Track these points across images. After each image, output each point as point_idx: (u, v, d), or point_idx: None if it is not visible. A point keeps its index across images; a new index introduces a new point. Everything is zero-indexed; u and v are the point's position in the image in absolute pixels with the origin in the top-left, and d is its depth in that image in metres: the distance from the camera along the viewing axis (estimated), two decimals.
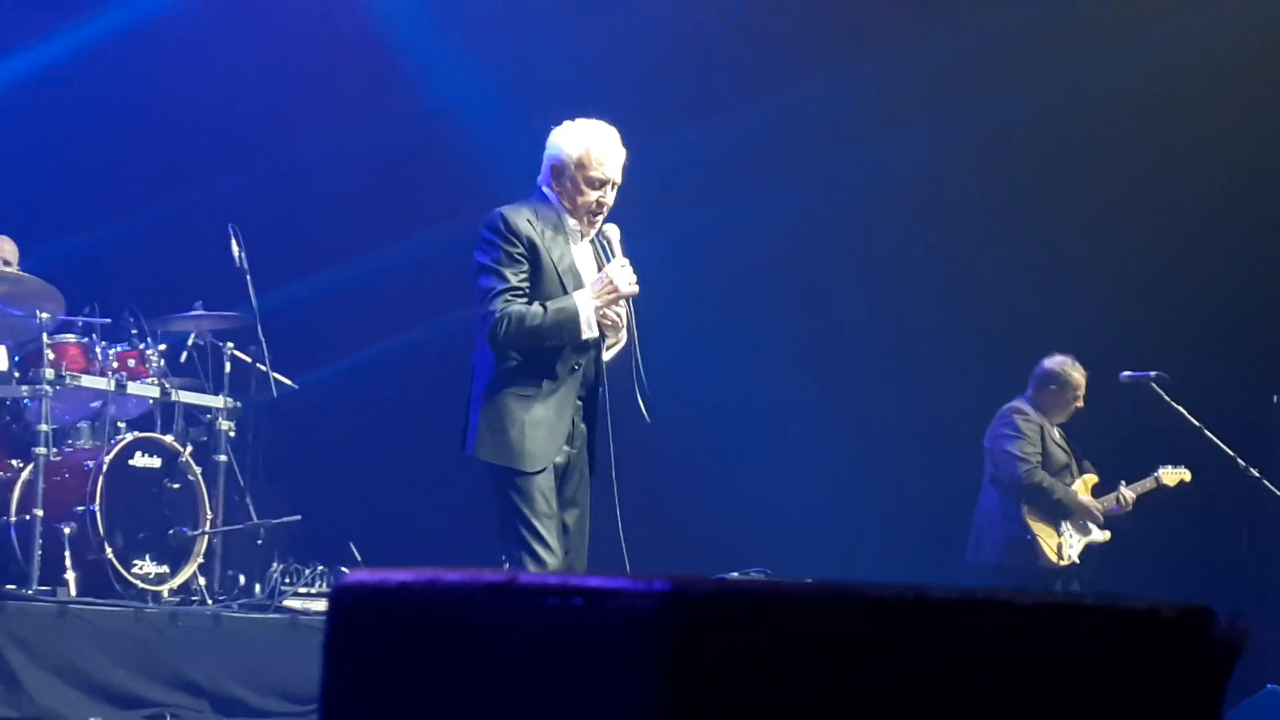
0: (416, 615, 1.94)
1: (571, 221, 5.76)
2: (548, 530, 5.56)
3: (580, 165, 5.70)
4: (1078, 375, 8.92)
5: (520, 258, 5.62)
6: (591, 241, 5.86)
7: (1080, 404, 8.94)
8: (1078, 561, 8.78)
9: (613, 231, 5.82)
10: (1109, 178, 10.21)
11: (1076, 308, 10.10)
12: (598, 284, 5.67)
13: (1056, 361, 8.95)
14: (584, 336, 5.63)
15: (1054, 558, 8.72)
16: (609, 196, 5.76)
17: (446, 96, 10.53)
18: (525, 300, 5.60)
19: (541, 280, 5.65)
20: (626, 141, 5.80)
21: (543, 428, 5.60)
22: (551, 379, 5.64)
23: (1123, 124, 10.11)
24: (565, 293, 5.65)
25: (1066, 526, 8.77)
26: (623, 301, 5.71)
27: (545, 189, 5.79)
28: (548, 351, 5.64)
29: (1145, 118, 10.04)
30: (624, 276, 5.69)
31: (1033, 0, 10.03)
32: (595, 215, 5.76)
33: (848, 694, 1.80)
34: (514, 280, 5.60)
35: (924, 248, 10.51)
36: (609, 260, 5.76)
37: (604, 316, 5.67)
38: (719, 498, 10.16)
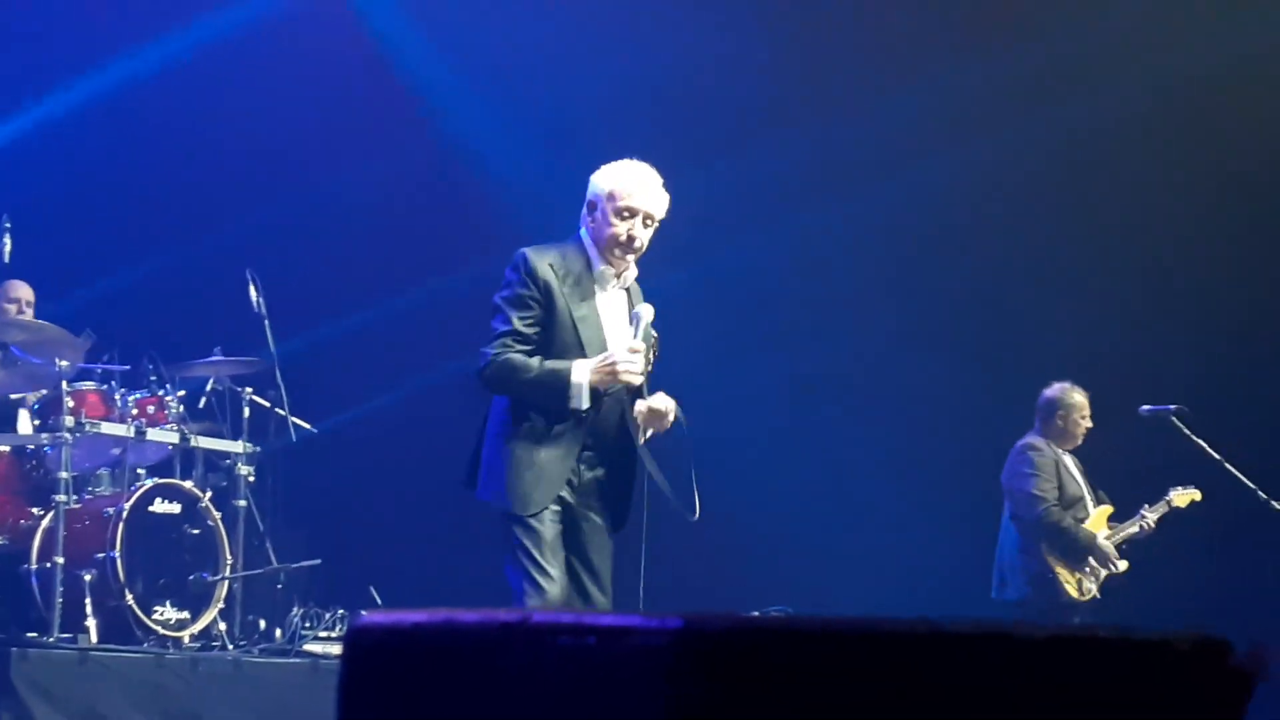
0: (432, 655, 1.94)
1: (602, 266, 5.64)
2: (549, 562, 5.50)
3: (610, 197, 5.59)
4: (1078, 397, 8.95)
5: (533, 302, 5.54)
6: (626, 290, 5.73)
7: (1088, 424, 8.95)
8: (1099, 595, 8.77)
9: (646, 312, 5.63)
10: (1133, 205, 10.21)
11: (1097, 339, 10.08)
12: (601, 360, 5.53)
13: (1055, 389, 8.99)
14: (572, 406, 5.48)
15: (1075, 593, 8.71)
16: (639, 230, 5.60)
17: (466, 140, 10.57)
18: (528, 348, 5.52)
19: (554, 328, 5.55)
20: (664, 170, 5.69)
21: (539, 472, 5.52)
22: (559, 423, 5.55)
23: (1151, 148, 10.11)
24: (578, 342, 5.55)
25: (1085, 565, 8.76)
26: (639, 366, 5.54)
27: (582, 230, 5.70)
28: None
29: (1173, 141, 10.05)
30: (629, 364, 5.50)
31: (1055, 32, 10.04)
32: (626, 251, 5.61)
33: None
34: (519, 324, 5.52)
35: (944, 283, 10.50)
36: (634, 333, 5.59)
37: (616, 379, 5.54)
38: (741, 536, 10.13)
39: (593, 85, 10.23)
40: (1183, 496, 8.95)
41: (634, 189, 5.60)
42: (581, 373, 5.48)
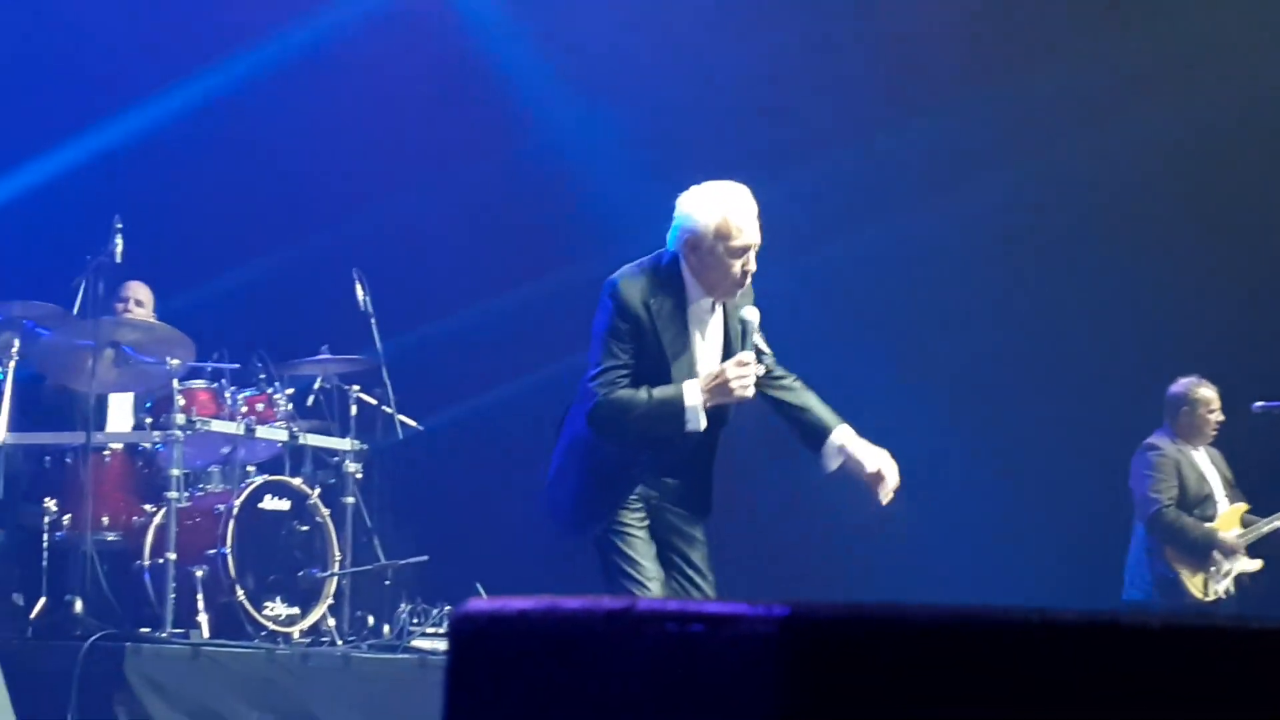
0: (535, 643, 1.94)
1: (702, 300, 5.47)
2: (645, 569, 5.44)
3: (720, 235, 5.34)
4: (1205, 391, 8.78)
5: (628, 335, 5.38)
6: (724, 308, 5.55)
7: (1218, 418, 8.76)
8: (1231, 592, 8.59)
9: (751, 315, 5.45)
10: (1256, 197, 10.04)
11: (1226, 333, 9.87)
12: (712, 377, 5.39)
13: (1181, 385, 8.82)
14: (689, 430, 5.37)
15: (1200, 594, 8.55)
16: (752, 263, 5.41)
17: (569, 141, 10.59)
18: (630, 380, 5.38)
19: (645, 358, 5.40)
20: (746, 177, 5.53)
21: (607, 482, 5.50)
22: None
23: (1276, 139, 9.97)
24: (668, 371, 5.40)
25: (1216, 557, 8.58)
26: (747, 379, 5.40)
27: (680, 256, 5.44)
28: None
29: None
30: (740, 378, 5.34)
31: (1182, 20, 9.89)
32: (740, 286, 5.45)
33: (972, 718, 1.77)
34: (622, 357, 5.36)
35: (1063, 277, 10.35)
36: (741, 342, 5.44)
37: (730, 396, 5.41)
38: (855, 532, 10.07)
39: (693, 84, 10.22)
40: None
41: (743, 224, 5.37)
42: (694, 395, 5.35)
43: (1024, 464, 10.25)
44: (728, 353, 5.52)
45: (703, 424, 5.39)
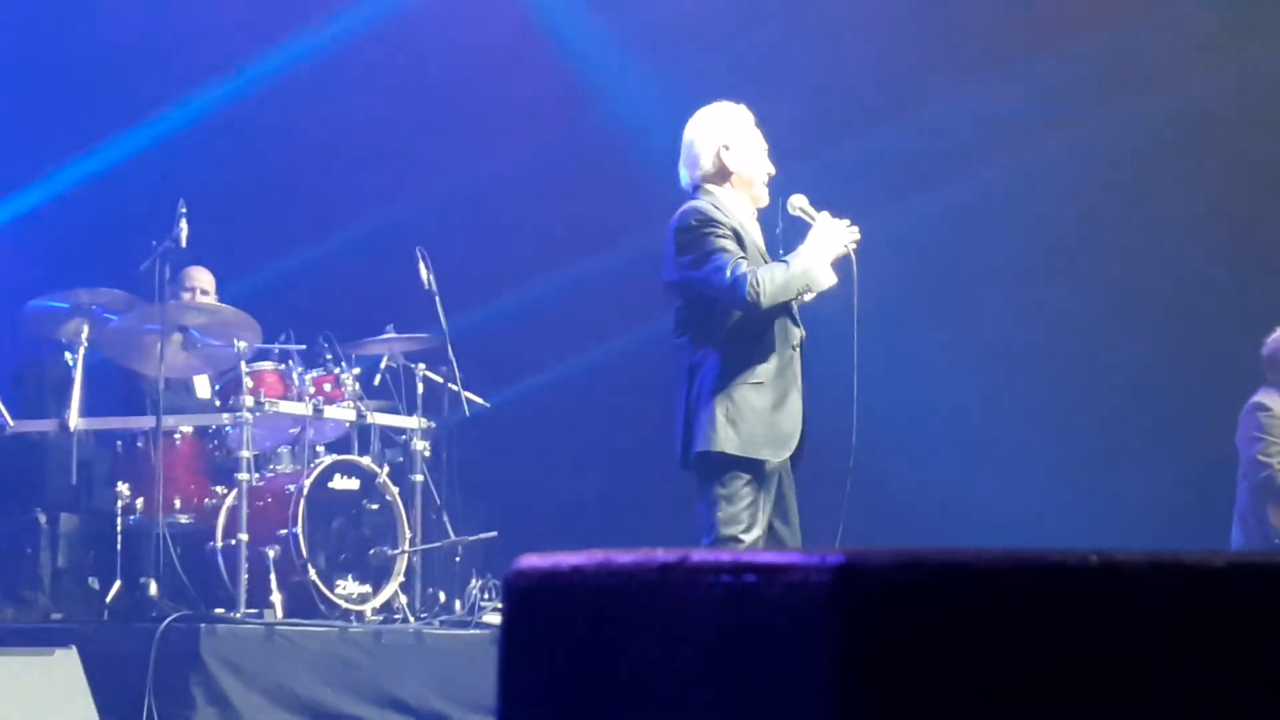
0: (589, 597, 1.92)
1: (746, 209, 5.79)
2: (760, 511, 5.54)
3: (740, 136, 5.78)
4: None
5: (730, 238, 5.63)
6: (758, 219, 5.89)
7: None
8: None
9: (799, 200, 5.83)
10: None
11: None
12: (819, 239, 5.66)
13: (1276, 337, 8.57)
14: (826, 286, 5.64)
15: None
16: (770, 165, 5.83)
17: (628, 111, 10.56)
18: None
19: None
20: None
21: (782, 413, 5.61)
22: (778, 363, 5.63)
23: None
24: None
25: None
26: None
27: (708, 186, 5.79)
28: (769, 337, 5.62)
29: None
30: (840, 228, 5.71)
31: None
32: (766, 183, 5.81)
33: (1031, 663, 1.74)
34: (740, 252, 5.61)
35: (1145, 235, 10.23)
36: (809, 224, 5.75)
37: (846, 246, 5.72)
38: (941, 488, 10.03)
39: (749, 56, 10.16)
40: None
41: (750, 126, 5.81)
42: (812, 252, 5.62)
43: (1114, 424, 10.13)
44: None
45: (833, 276, 5.66)
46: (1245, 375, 8.72)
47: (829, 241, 5.66)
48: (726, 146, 5.75)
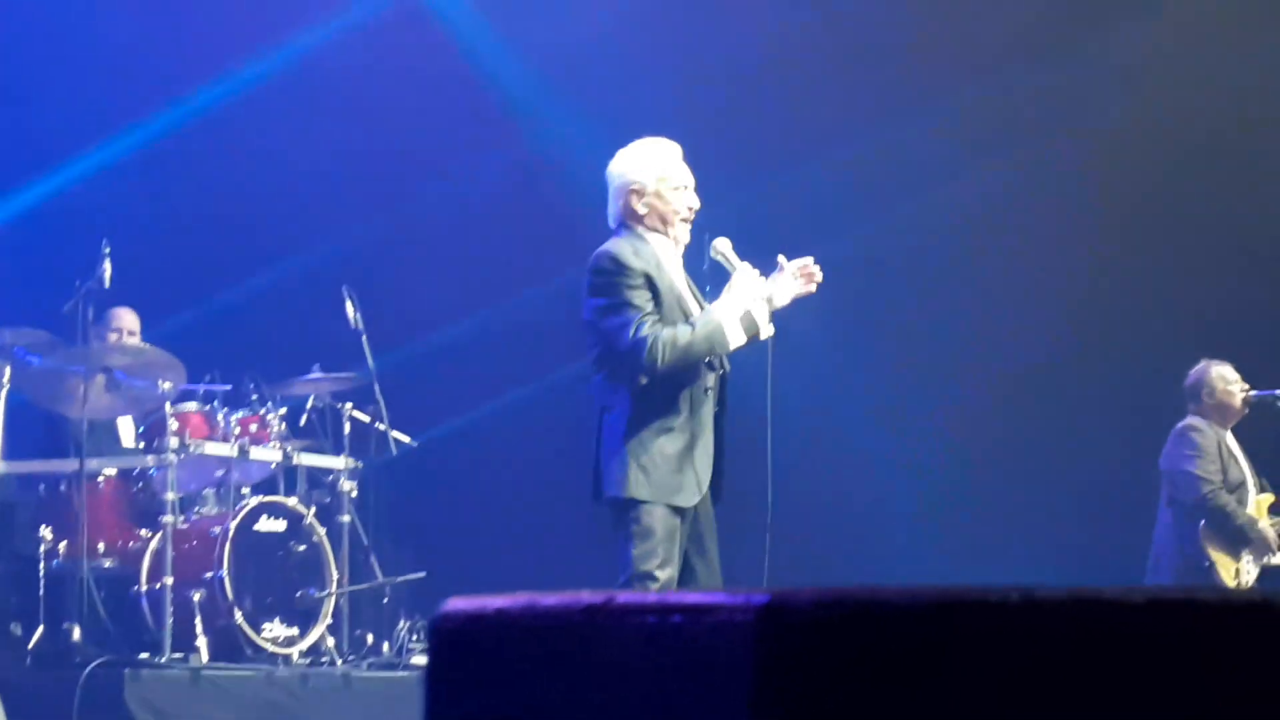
0: (514, 639, 1.92)
1: (666, 249, 5.72)
2: (669, 552, 5.50)
3: (660, 178, 5.71)
4: (1221, 369, 8.68)
5: (641, 287, 5.57)
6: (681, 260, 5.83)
7: (1244, 392, 8.65)
8: (1253, 584, 8.53)
9: (723, 244, 5.78)
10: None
11: (1232, 320, 9.83)
12: (771, 281, 5.66)
13: (1199, 369, 8.73)
14: (764, 337, 5.63)
15: (1232, 582, 8.46)
16: (695, 200, 5.76)
17: (556, 151, 10.57)
18: (660, 324, 5.55)
19: (662, 311, 5.58)
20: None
21: (694, 458, 5.56)
22: (690, 407, 5.58)
23: None
24: (688, 313, 5.63)
25: (1245, 553, 8.52)
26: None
27: (629, 224, 5.75)
28: (681, 379, 5.57)
29: None
30: (806, 269, 5.74)
31: None
32: (687, 221, 5.76)
33: (953, 700, 1.75)
34: (647, 306, 5.55)
35: (1081, 257, 10.32)
36: (729, 272, 5.70)
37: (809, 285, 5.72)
38: (863, 522, 10.06)
39: (680, 92, 10.19)
40: None
41: (675, 163, 5.75)
42: (736, 304, 5.57)
43: (1038, 454, 10.21)
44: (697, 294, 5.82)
45: (770, 326, 5.64)
46: (1164, 409, 8.88)
47: (743, 298, 5.59)
48: (639, 188, 5.70)
